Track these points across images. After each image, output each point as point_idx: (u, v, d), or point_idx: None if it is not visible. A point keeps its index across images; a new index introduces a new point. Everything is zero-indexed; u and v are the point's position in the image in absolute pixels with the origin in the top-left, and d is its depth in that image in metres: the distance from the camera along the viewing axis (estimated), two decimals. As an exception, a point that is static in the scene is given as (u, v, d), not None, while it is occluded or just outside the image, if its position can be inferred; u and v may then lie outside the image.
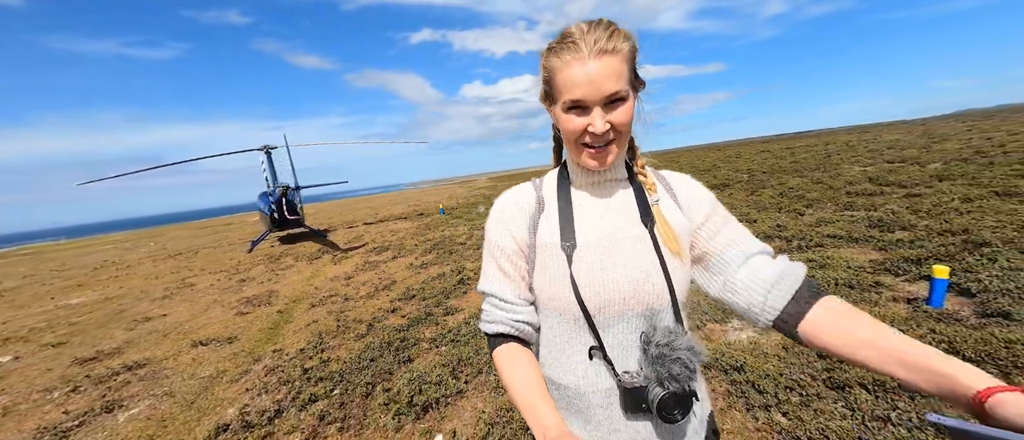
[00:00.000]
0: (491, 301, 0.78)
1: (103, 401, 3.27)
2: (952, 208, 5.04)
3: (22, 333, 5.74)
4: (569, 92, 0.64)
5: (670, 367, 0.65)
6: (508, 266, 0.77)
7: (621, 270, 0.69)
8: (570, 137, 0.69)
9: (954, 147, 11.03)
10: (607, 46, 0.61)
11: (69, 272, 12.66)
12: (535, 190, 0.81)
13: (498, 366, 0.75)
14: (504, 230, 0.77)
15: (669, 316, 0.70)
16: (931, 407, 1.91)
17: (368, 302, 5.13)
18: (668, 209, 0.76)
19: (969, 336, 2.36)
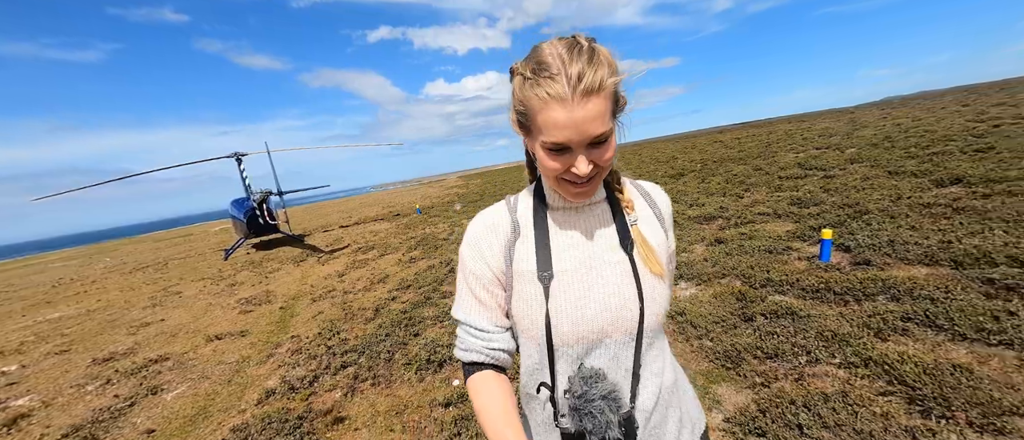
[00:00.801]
0: (465, 329, 0.76)
1: (144, 387, 3.65)
2: (853, 186, 6.18)
3: (13, 346, 5.79)
4: (550, 134, 0.59)
5: (583, 421, 0.65)
6: (483, 294, 0.74)
7: (599, 300, 0.68)
8: (550, 174, 0.65)
9: (869, 134, 12.69)
10: (593, 83, 0.55)
11: (24, 291, 12.07)
12: (510, 213, 0.77)
13: (471, 396, 0.74)
14: (478, 257, 0.74)
15: (634, 344, 0.70)
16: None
17: (367, 294, 5.63)
18: (648, 227, 0.75)
19: (842, 279, 3.26)
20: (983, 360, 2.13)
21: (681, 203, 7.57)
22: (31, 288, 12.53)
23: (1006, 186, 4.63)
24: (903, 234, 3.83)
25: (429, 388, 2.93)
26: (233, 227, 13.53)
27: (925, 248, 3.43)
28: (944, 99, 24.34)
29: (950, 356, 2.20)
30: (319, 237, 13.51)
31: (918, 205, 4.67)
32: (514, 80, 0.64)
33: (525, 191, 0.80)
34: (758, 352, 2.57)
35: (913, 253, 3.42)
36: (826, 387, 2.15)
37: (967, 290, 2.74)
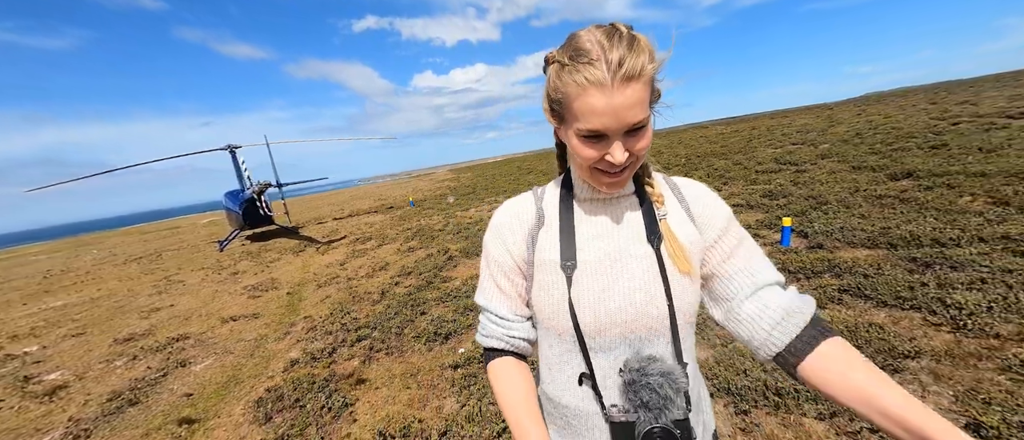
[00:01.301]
0: (487, 316, 0.77)
1: (171, 361, 3.98)
2: (819, 180, 6.73)
3: (25, 330, 6.00)
4: (587, 121, 0.58)
5: (640, 394, 0.62)
6: (504, 282, 0.75)
7: (623, 293, 0.67)
8: (584, 164, 0.64)
9: (843, 130, 13.39)
10: (634, 69, 0.54)
11: (15, 282, 12.06)
12: (536, 202, 0.77)
13: (491, 381, 0.75)
14: (501, 245, 0.75)
15: (667, 342, 0.67)
16: None
17: (370, 280, 5.99)
18: (678, 223, 0.72)
19: (797, 260, 3.75)
20: (896, 321, 2.62)
21: (664, 195, 8.07)
22: (22, 279, 12.51)
23: (947, 180, 5.20)
24: (852, 222, 4.35)
25: (438, 356, 3.34)
26: (227, 219, 13.64)
27: (868, 233, 3.95)
28: (917, 96, 25.41)
29: (870, 318, 2.69)
30: (313, 229, 13.72)
31: (872, 196, 5.22)
32: (549, 69, 0.64)
33: (553, 182, 0.80)
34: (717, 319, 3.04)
35: (858, 238, 3.93)
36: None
37: (895, 267, 3.25)
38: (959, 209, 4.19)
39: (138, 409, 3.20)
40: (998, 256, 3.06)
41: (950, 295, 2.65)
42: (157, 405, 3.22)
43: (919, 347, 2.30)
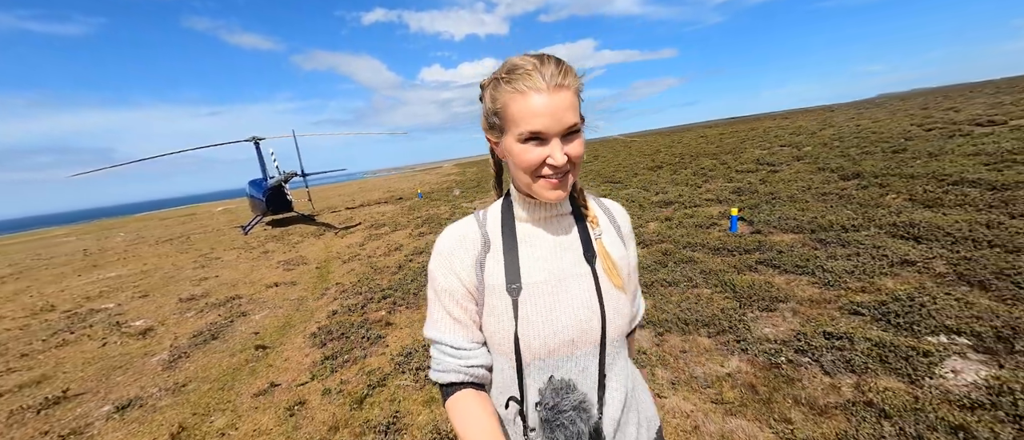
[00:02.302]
0: (440, 349, 0.75)
1: (232, 313, 4.98)
2: (784, 179, 7.59)
3: (95, 294, 7.06)
4: (527, 123, 0.63)
5: (555, 432, 0.65)
6: (457, 310, 0.74)
7: (569, 311, 0.70)
8: (528, 169, 0.67)
9: (828, 134, 14.14)
10: (563, 81, 0.63)
11: (60, 259, 13.21)
12: (479, 226, 0.78)
13: (452, 418, 0.71)
14: (449, 272, 0.74)
15: (596, 356, 0.72)
16: (699, 266, 4.14)
17: (388, 258, 6.96)
18: (611, 242, 0.79)
19: (737, 242, 4.65)
20: (788, 282, 3.53)
21: (650, 191, 8.96)
22: (64, 256, 13.66)
23: (882, 181, 6.06)
24: (791, 213, 5.24)
25: (447, 308, 4.30)
26: (250, 205, 14.70)
27: (798, 222, 4.84)
28: (915, 100, 25.90)
29: (772, 281, 3.59)
30: (328, 217, 14.75)
31: (819, 194, 6.10)
32: (485, 92, 0.70)
33: (494, 206, 0.81)
34: (664, 282, 3.96)
35: (788, 225, 4.83)
36: (698, 296, 3.54)
37: (804, 246, 4.16)
38: (876, 204, 5.07)
39: (219, 341, 4.19)
40: (878, 238, 3.95)
41: (829, 264, 3.56)
42: (233, 339, 4.22)
43: (792, 295, 3.22)
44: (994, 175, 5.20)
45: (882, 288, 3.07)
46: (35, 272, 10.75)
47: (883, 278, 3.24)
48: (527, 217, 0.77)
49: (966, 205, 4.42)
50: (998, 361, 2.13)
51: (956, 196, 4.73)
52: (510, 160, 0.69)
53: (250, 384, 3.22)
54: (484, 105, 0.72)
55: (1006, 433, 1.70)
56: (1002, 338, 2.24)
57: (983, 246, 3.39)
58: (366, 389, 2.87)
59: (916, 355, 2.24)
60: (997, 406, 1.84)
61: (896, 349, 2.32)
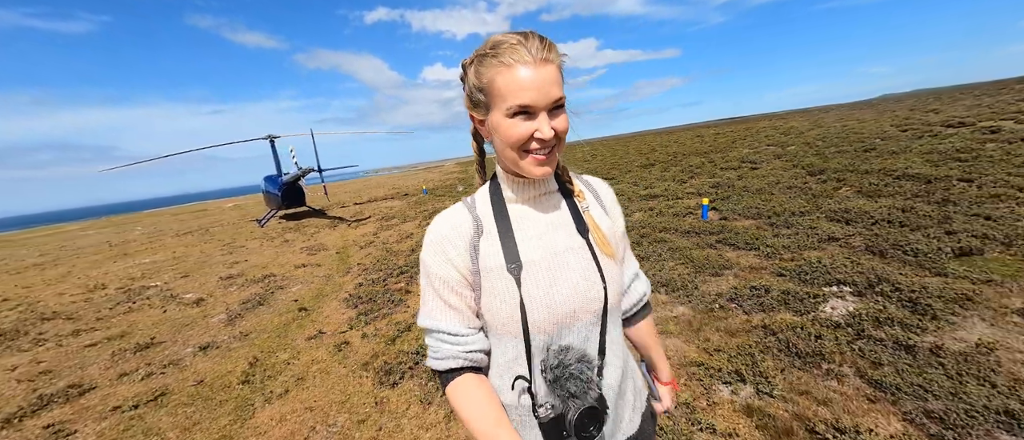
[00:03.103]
0: (437, 337, 0.76)
1: (271, 287, 5.78)
2: (760, 175, 8.36)
3: (138, 275, 7.87)
4: (515, 97, 0.64)
5: (566, 386, 0.67)
6: (453, 298, 0.74)
7: (569, 284, 0.72)
8: (515, 144, 0.68)
9: (814, 134, 14.88)
10: (549, 55, 0.64)
11: (87, 249, 14.05)
12: (469, 211, 0.78)
13: (453, 402, 0.73)
14: (444, 260, 0.74)
15: (597, 326, 0.76)
16: (669, 245, 4.92)
17: (400, 244, 7.76)
18: (598, 215, 0.82)
19: (705, 227, 5.43)
20: (738, 256, 4.30)
21: (639, 186, 9.73)
22: (91, 247, 14.50)
23: (840, 176, 6.83)
24: (755, 203, 6.02)
25: (456, 280, 5.09)
26: (265, 200, 15.52)
27: (759, 210, 5.62)
28: (907, 102, 26.60)
29: (724, 254, 4.37)
30: (337, 212, 15.54)
31: (784, 187, 6.87)
32: (469, 69, 0.70)
33: (481, 190, 0.82)
34: (636, 256, 4.74)
35: (750, 213, 5.61)
36: (663, 266, 4.32)
37: (758, 228, 4.93)
38: (827, 195, 5.85)
39: (265, 307, 4.99)
40: (818, 222, 4.73)
41: (772, 241, 4.34)
42: (277, 304, 5.02)
43: (737, 264, 4.00)
44: (931, 170, 5.97)
45: (806, 258, 3.85)
46: (70, 260, 11.60)
47: (810, 251, 4.02)
48: (517, 198, 0.78)
49: (897, 195, 5.19)
50: (863, 299, 2.91)
51: (893, 188, 5.50)
52: (496, 137, 0.70)
53: (301, 333, 4.02)
54: (467, 83, 0.72)
55: (844, 337, 2.48)
56: (871, 285, 3.02)
57: (894, 226, 4.17)
58: (396, 332, 3.66)
59: (809, 298, 3.03)
60: (849, 325, 2.62)
61: (797, 295, 3.10)
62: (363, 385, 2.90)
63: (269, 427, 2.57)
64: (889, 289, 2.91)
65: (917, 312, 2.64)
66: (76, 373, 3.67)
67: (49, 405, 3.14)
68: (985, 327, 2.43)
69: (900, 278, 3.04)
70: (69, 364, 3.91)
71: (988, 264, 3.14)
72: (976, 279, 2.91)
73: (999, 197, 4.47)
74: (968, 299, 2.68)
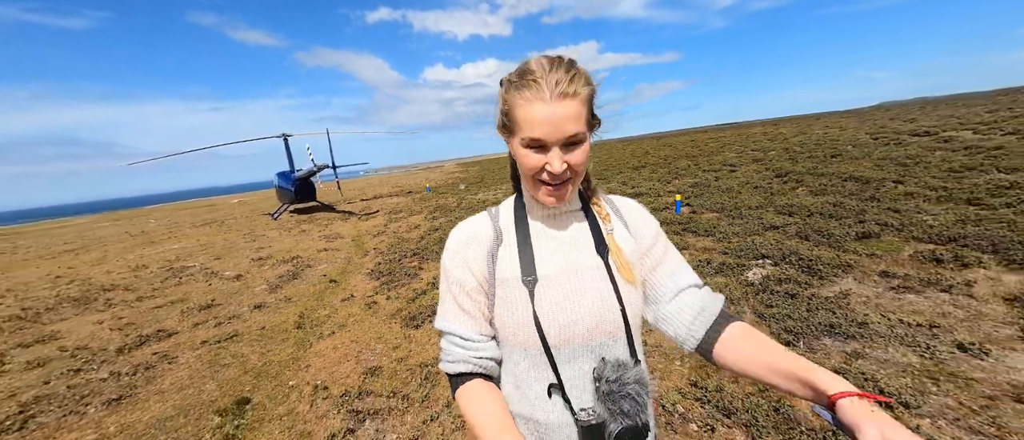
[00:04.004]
0: (451, 339, 0.78)
1: (299, 266, 6.66)
2: (733, 177, 9.27)
3: (173, 258, 8.73)
4: (529, 130, 0.66)
5: (620, 404, 0.67)
6: (467, 302, 0.77)
7: (583, 303, 0.73)
8: (528, 173, 0.70)
9: (796, 140, 15.82)
10: (568, 89, 0.64)
11: (110, 239, 14.88)
12: (492, 221, 0.81)
13: (462, 406, 0.74)
14: (462, 264, 0.77)
15: (624, 346, 0.74)
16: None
17: (410, 233, 8.64)
18: (622, 238, 0.80)
19: (676, 218, 6.32)
20: (697, 240, 5.20)
21: (627, 186, 10.64)
22: (114, 236, 15.35)
23: (799, 177, 7.74)
24: (721, 199, 6.92)
25: (462, 260, 5.99)
26: (277, 195, 16.38)
27: (723, 205, 6.52)
28: (892, 111, 27.61)
29: (686, 239, 5.26)
30: (345, 207, 16.44)
31: (750, 187, 7.78)
32: (501, 89, 0.73)
33: (506, 202, 0.85)
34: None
35: (715, 207, 6.51)
36: (632, 248, 5.22)
37: (719, 220, 5.83)
38: (783, 193, 6.75)
39: (299, 280, 5.87)
40: (767, 214, 5.63)
41: (726, 229, 5.24)
42: (309, 278, 5.90)
43: (693, 246, 4.89)
44: (875, 174, 6.89)
45: (748, 241, 4.75)
46: (98, 246, 12.46)
47: (753, 236, 4.92)
48: (538, 213, 0.80)
49: (837, 193, 6.10)
50: (776, 267, 3.81)
51: (837, 187, 6.41)
52: (518, 163, 0.73)
53: (335, 297, 4.90)
54: (499, 100, 0.74)
55: (752, 291, 3.38)
56: (784, 258, 3.92)
57: (823, 217, 5.08)
58: (414, 295, 4.54)
59: (738, 267, 3.92)
60: (760, 283, 3.51)
61: (730, 266, 4.00)
62: (392, 328, 3.79)
63: (326, 352, 3.45)
64: (796, 260, 3.81)
65: (810, 274, 3.53)
66: (156, 324, 4.55)
67: (146, 342, 4.02)
68: (852, 283, 3.32)
69: (807, 253, 3.94)
70: (146, 319, 4.79)
71: (879, 244, 4.04)
72: (861, 253, 3.81)
73: (912, 195, 5.39)
74: (849, 266, 3.58)
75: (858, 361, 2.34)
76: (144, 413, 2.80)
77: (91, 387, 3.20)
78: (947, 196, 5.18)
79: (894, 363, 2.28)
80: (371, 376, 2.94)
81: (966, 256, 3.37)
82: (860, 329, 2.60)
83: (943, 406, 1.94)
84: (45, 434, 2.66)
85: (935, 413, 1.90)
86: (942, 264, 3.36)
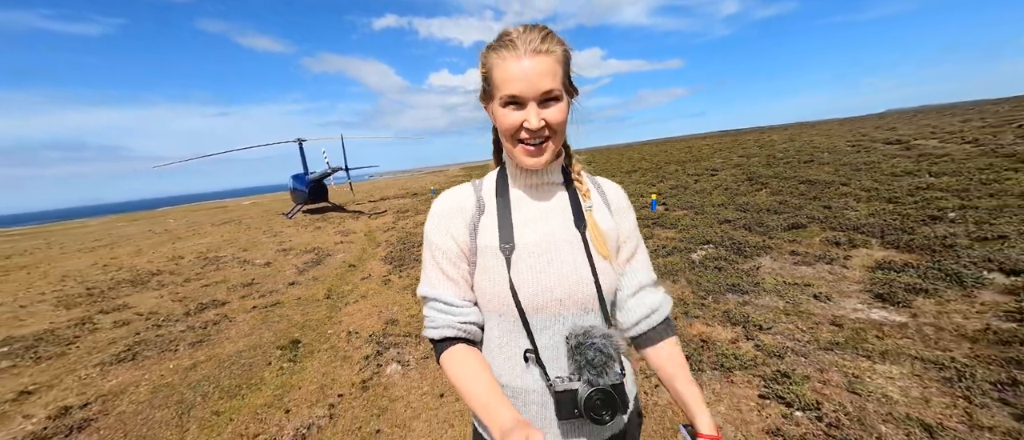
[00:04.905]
0: (434, 306, 0.80)
1: (320, 255, 7.61)
2: (712, 180, 10.16)
3: (205, 250, 9.71)
4: (506, 87, 0.69)
5: (586, 353, 0.69)
6: (450, 268, 0.79)
7: (557, 273, 0.75)
8: (507, 132, 0.73)
9: (782, 147, 16.68)
10: (541, 47, 0.67)
11: (136, 237, 15.93)
12: (474, 191, 0.83)
13: (447, 371, 0.76)
14: (445, 232, 0.79)
15: (598, 318, 0.76)
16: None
17: (417, 229, 9.58)
18: (600, 215, 0.83)
19: (650, 215, 7.23)
20: (664, 232, 6.10)
21: (616, 188, 11.55)
22: (139, 234, 16.41)
23: (765, 181, 8.63)
24: (693, 199, 7.82)
25: (462, 249, 6.92)
26: (292, 196, 17.43)
27: (692, 204, 7.42)
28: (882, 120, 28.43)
29: (654, 232, 6.16)
30: (354, 208, 17.44)
31: (721, 189, 8.67)
32: (480, 56, 0.75)
33: (490, 174, 0.87)
34: (594, 234, 6.58)
35: (686, 205, 7.42)
36: (607, 239, 6.13)
37: (686, 215, 6.73)
38: (746, 194, 7.65)
39: (322, 265, 6.82)
40: (725, 211, 6.52)
41: (688, 223, 6.14)
42: (331, 263, 6.85)
43: (658, 236, 5.80)
44: (829, 177, 7.77)
45: (702, 232, 5.64)
46: (129, 242, 13.50)
47: (709, 228, 5.82)
48: (520, 183, 0.82)
49: (789, 194, 6.99)
50: (717, 250, 4.71)
51: (792, 189, 7.31)
52: (497, 125, 0.76)
53: (355, 277, 5.84)
54: (479, 70, 0.76)
55: (688, 265, 4.29)
56: (722, 242, 4.83)
57: (769, 212, 5.97)
58: (422, 274, 5.47)
59: (687, 250, 4.83)
60: (700, 260, 4.42)
61: (681, 249, 4.89)
62: (405, 297, 4.71)
63: (353, 313, 4.38)
64: (731, 244, 4.71)
65: (738, 254, 4.44)
66: (209, 297, 5.50)
67: (206, 309, 4.96)
68: (767, 260, 4.22)
69: (742, 239, 4.84)
70: (199, 294, 5.74)
71: (802, 233, 4.93)
72: (785, 239, 4.71)
73: (847, 195, 6.28)
74: (769, 248, 4.48)
75: (745, 307, 3.24)
76: (222, 350, 3.74)
77: (174, 336, 4.15)
78: (875, 195, 6.06)
79: (767, 307, 3.18)
80: (390, 325, 3.87)
81: (858, 240, 4.27)
82: (754, 288, 3.50)
83: (784, 328, 2.84)
84: (152, 362, 3.60)
85: (777, 332, 2.80)
86: (839, 246, 4.25)
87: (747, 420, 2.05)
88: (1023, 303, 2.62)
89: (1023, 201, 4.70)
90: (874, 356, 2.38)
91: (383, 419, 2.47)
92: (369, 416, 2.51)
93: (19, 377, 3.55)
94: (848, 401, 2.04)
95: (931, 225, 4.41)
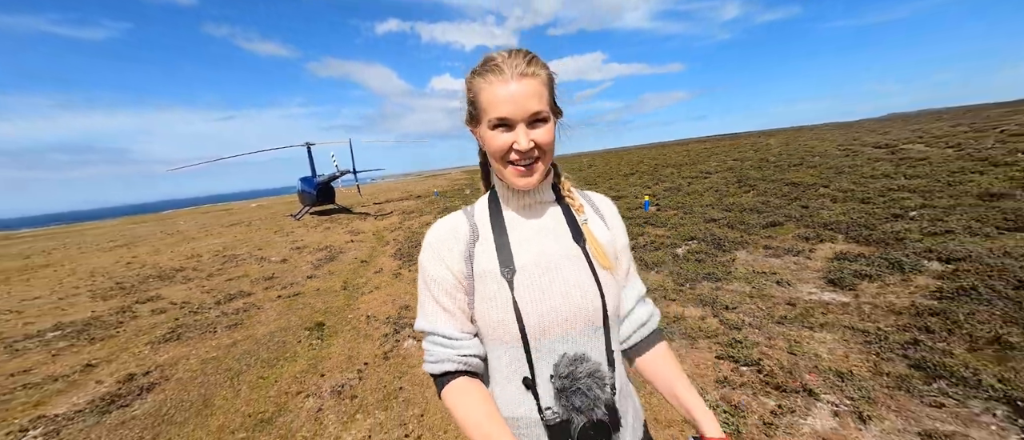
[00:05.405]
0: (433, 339, 0.78)
1: (333, 252, 8.10)
2: (704, 183, 10.63)
3: (220, 249, 10.21)
4: (494, 110, 0.70)
5: (572, 399, 0.68)
6: (447, 300, 0.77)
7: (561, 291, 0.74)
8: (496, 154, 0.73)
9: (777, 151, 17.15)
10: (527, 70, 0.69)
11: (151, 238, 16.47)
12: (467, 218, 0.82)
13: (450, 406, 0.74)
14: (440, 262, 0.77)
15: (601, 336, 0.75)
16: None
17: (422, 229, 10.06)
18: (596, 227, 0.84)
19: (643, 214, 7.70)
20: (654, 230, 6.56)
21: (612, 190, 12.02)
22: (154, 235, 16.94)
23: (754, 184, 9.10)
24: (684, 200, 8.29)
25: (466, 247, 7.40)
26: (299, 198, 17.96)
27: (683, 204, 7.89)
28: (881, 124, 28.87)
29: (645, 229, 6.63)
30: (359, 210, 17.96)
31: (712, 190, 9.14)
32: (465, 81, 0.76)
33: (481, 199, 0.87)
34: (590, 232, 7.05)
35: (676, 206, 7.89)
36: (601, 236, 6.61)
37: (677, 216, 7.20)
38: (734, 195, 8.11)
39: (335, 261, 7.30)
40: (712, 211, 6.99)
41: (677, 222, 6.61)
42: (344, 259, 7.33)
43: (648, 233, 6.27)
44: (812, 179, 8.23)
45: (690, 230, 6.11)
46: (145, 242, 14.03)
47: (694, 226, 6.28)
48: (513, 205, 0.81)
49: (773, 195, 7.45)
50: (699, 245, 5.18)
51: (776, 190, 7.77)
52: (486, 148, 0.76)
53: (367, 270, 6.32)
54: (465, 95, 0.77)
55: (673, 257, 4.75)
56: (705, 237, 5.29)
57: (752, 212, 6.44)
58: (430, 268, 5.94)
59: (673, 246, 5.29)
60: (684, 253, 4.88)
61: (668, 245, 5.36)
62: (416, 289, 5.17)
63: (369, 301, 4.86)
64: (712, 239, 5.18)
65: (717, 249, 4.90)
66: (235, 289, 5.99)
67: (234, 299, 5.45)
68: (743, 253, 4.69)
69: (723, 235, 5.31)
70: (225, 287, 6.23)
71: (778, 230, 5.40)
72: (761, 235, 5.17)
73: (825, 196, 6.74)
74: (746, 243, 4.94)
75: (716, 291, 3.70)
76: (256, 331, 4.22)
77: (211, 321, 4.63)
78: (850, 196, 6.52)
79: (735, 291, 3.65)
80: (404, 310, 4.34)
81: (825, 236, 4.73)
82: (727, 276, 3.97)
83: (748, 307, 3.30)
84: (195, 341, 4.08)
85: (742, 312, 3.26)
86: (808, 241, 4.71)
87: (703, 374, 2.52)
88: (943, 284, 3.08)
89: (978, 200, 5.16)
90: (815, 328, 2.85)
91: (404, 379, 2.94)
92: (392, 377, 2.99)
93: (79, 354, 4.04)
94: (785, 359, 2.51)
95: (892, 222, 4.87)
